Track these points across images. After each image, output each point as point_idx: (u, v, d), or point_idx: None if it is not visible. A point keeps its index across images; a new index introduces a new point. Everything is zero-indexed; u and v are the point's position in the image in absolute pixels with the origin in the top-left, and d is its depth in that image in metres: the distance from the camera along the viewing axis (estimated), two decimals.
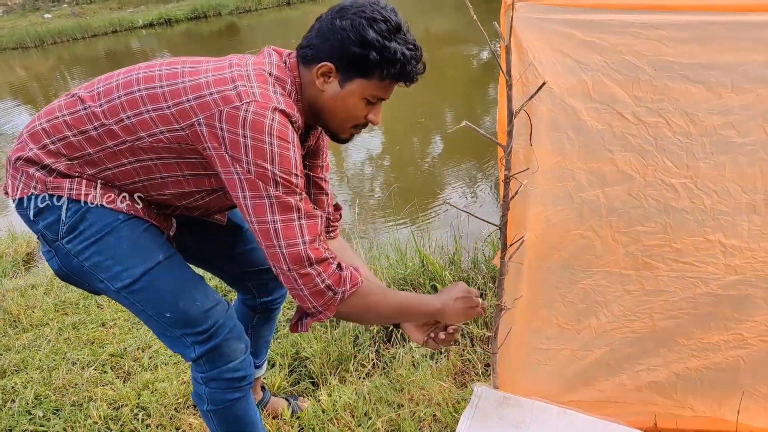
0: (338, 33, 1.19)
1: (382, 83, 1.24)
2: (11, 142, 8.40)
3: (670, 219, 1.36)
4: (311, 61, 1.24)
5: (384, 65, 1.20)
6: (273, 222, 1.16)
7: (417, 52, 1.23)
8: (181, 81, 1.20)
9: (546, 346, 1.58)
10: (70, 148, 1.23)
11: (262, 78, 1.20)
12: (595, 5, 1.16)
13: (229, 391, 1.46)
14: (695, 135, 1.26)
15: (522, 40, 1.20)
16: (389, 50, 1.18)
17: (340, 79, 1.23)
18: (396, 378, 2.02)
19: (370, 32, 1.17)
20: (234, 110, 1.13)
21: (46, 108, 1.28)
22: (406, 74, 1.23)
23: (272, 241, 1.18)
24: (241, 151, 1.13)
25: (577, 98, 1.24)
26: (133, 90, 1.21)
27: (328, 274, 1.21)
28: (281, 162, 1.15)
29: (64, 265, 1.30)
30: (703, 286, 1.40)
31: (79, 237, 1.25)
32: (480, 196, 4.36)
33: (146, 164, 1.25)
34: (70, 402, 2.14)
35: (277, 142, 1.14)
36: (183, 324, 1.35)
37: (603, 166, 1.33)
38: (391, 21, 1.19)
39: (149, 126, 1.19)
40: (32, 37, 19.82)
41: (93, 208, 1.25)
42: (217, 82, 1.18)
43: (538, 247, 1.44)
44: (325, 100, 1.26)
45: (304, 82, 1.27)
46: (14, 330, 2.77)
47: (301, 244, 1.18)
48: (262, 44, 4.68)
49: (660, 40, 1.15)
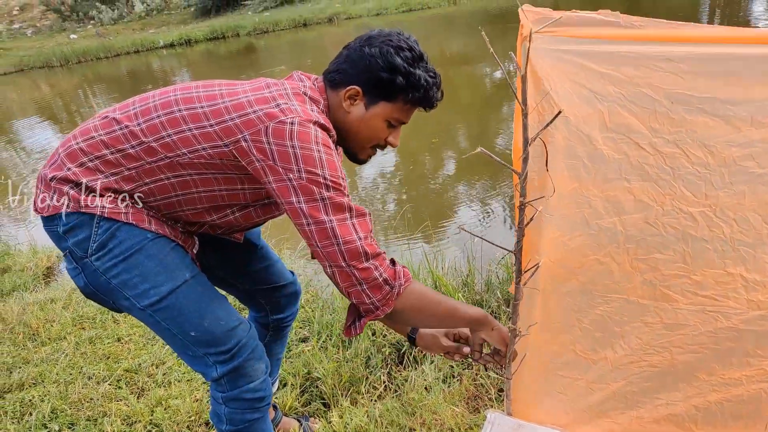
0: (367, 59, 1.29)
1: (405, 107, 1.33)
2: (33, 156, 8.55)
3: (688, 247, 1.35)
4: (339, 85, 1.33)
5: (409, 90, 1.29)
6: (329, 221, 1.21)
7: (437, 79, 1.33)
8: (221, 101, 1.25)
9: (563, 373, 1.57)
10: (107, 165, 1.27)
11: (299, 97, 1.27)
12: (611, 37, 1.17)
13: (249, 412, 1.47)
14: (713, 165, 1.26)
15: (538, 70, 1.22)
16: (414, 76, 1.28)
17: (366, 102, 1.32)
18: (408, 401, 2.02)
19: (398, 59, 1.27)
20: (280, 125, 1.20)
21: (81, 128, 1.33)
22: (428, 99, 1.33)
23: (330, 239, 1.22)
24: (292, 161, 1.19)
25: (593, 127, 1.26)
26: (173, 110, 1.26)
27: (384, 268, 1.25)
28: (329, 167, 1.21)
29: (91, 282, 1.33)
30: (725, 320, 1.37)
31: (108, 254, 1.29)
32: (493, 217, 4.36)
33: (184, 179, 1.29)
34: (85, 417, 2.16)
35: (323, 149, 1.21)
36: (206, 343, 1.37)
37: (620, 194, 1.33)
38: (415, 50, 1.30)
39: (191, 143, 1.24)
40: (58, 57, 20.29)
41: (123, 226, 1.29)
42: (259, 101, 1.24)
43: (555, 271, 1.44)
44: (350, 121, 1.34)
45: (331, 104, 1.34)
46: (33, 343, 2.81)
47: (358, 240, 1.22)
48: (279, 64, 4.78)
49: (676, 73, 1.16)
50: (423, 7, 19.05)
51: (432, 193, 4.93)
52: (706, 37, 1.16)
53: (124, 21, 26.81)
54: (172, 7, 27.61)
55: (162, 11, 27.36)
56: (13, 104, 15.17)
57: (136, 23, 26.09)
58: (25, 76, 19.48)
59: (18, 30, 27.97)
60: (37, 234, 4.85)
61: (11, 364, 2.62)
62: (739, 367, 1.40)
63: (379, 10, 19.61)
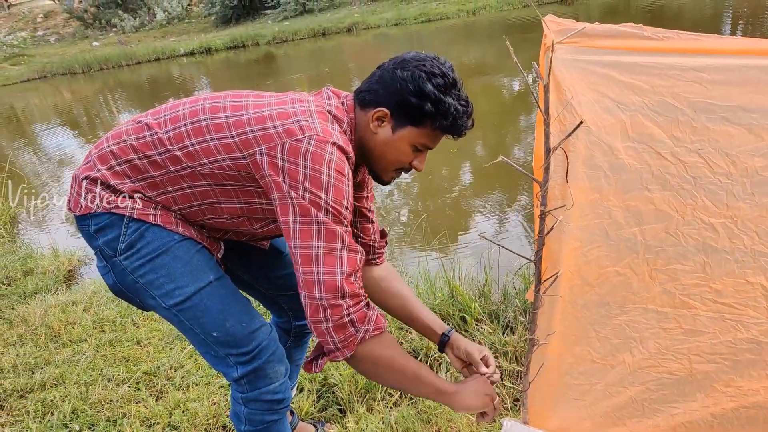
0: (398, 82, 1.27)
1: (432, 133, 1.32)
2: (55, 162, 8.69)
3: (709, 258, 1.34)
4: (368, 105, 1.32)
5: (437, 117, 1.28)
6: (317, 248, 1.20)
7: (469, 108, 1.32)
8: (246, 113, 1.26)
9: (579, 382, 1.57)
10: (135, 171, 1.30)
11: (322, 115, 1.27)
12: (634, 48, 1.18)
13: (268, 413, 1.49)
14: (736, 175, 1.25)
15: (560, 80, 1.23)
16: (444, 104, 1.27)
17: (393, 125, 1.31)
18: (424, 409, 2.02)
19: (428, 85, 1.25)
20: (296, 143, 1.19)
21: (114, 131, 1.36)
22: (456, 128, 1.32)
23: (311, 266, 1.20)
24: (299, 179, 1.18)
25: (614, 137, 1.26)
26: (199, 119, 1.28)
27: (356, 309, 1.23)
28: (335, 193, 1.20)
29: (119, 281, 1.36)
30: (744, 330, 1.36)
31: (136, 254, 1.31)
32: (511, 227, 4.35)
33: (205, 189, 1.31)
34: (104, 417, 2.19)
35: (334, 174, 1.20)
36: (228, 344, 1.39)
37: (640, 204, 1.33)
38: (448, 77, 1.28)
39: (212, 153, 1.26)
40: (80, 64, 20.68)
41: (151, 227, 1.31)
42: (281, 115, 1.24)
43: (573, 282, 1.44)
44: (376, 143, 1.33)
45: (359, 123, 1.34)
46: (54, 345, 2.85)
47: (339, 274, 1.21)
48: (298, 72, 4.82)
49: (700, 83, 1.16)
50: (442, 18, 19.11)
51: (449, 203, 4.94)
52: (730, 50, 1.16)
53: (146, 29, 27.21)
54: (193, 16, 27.97)
55: (183, 20, 27.73)
56: (35, 109, 15.45)
57: (157, 31, 26.47)
58: (47, 83, 19.84)
59: (41, 37, 28.50)
60: (59, 237, 4.94)
61: (33, 365, 2.67)
62: (758, 379, 1.39)
63: (398, 20, 19.71)
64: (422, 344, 2.31)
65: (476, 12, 19.03)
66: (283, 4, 23.87)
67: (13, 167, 6.85)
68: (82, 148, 9.55)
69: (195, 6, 28.47)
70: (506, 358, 2.23)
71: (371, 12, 21.57)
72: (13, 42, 26.78)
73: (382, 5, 22.57)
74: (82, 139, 10.60)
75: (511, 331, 2.40)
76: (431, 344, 2.27)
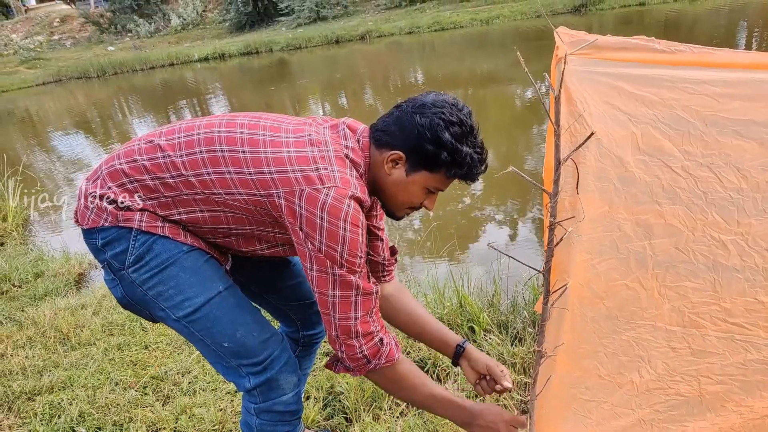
0: (416, 128, 1.27)
1: (445, 179, 1.33)
2: (68, 165, 8.77)
3: (719, 276, 1.32)
4: (384, 146, 1.32)
5: (452, 166, 1.29)
6: (333, 296, 1.26)
7: (483, 155, 1.33)
8: (263, 151, 1.26)
9: (586, 397, 1.55)
10: (146, 190, 1.30)
11: (341, 162, 1.27)
12: (646, 61, 1.17)
13: (280, 424, 1.48)
14: (747, 190, 1.24)
15: (572, 92, 1.23)
16: (460, 153, 1.28)
17: (407, 168, 1.32)
18: (430, 419, 2.01)
19: (446, 134, 1.26)
20: (315, 192, 1.21)
21: (125, 148, 1.35)
22: (470, 176, 1.34)
23: (328, 311, 1.28)
24: (316, 231, 1.21)
25: (625, 149, 1.25)
26: (215, 149, 1.27)
27: (369, 346, 1.32)
28: (350, 245, 1.23)
29: (128, 294, 1.36)
30: (755, 351, 1.34)
31: (144, 267, 1.31)
32: (521, 238, 4.34)
33: (217, 215, 1.31)
34: (111, 421, 2.20)
35: (350, 227, 1.22)
36: (240, 354, 1.39)
37: (650, 218, 1.32)
38: (466, 124, 1.28)
39: (228, 186, 1.26)
40: (95, 68, 20.94)
41: (159, 239, 1.31)
42: (300, 160, 1.24)
43: (582, 294, 1.43)
44: (389, 183, 1.34)
45: (373, 161, 1.34)
46: (63, 347, 2.87)
47: (353, 319, 1.28)
48: (310, 78, 4.82)
49: (711, 96, 1.15)
50: (455, 26, 19.17)
51: (460, 212, 4.93)
52: (743, 63, 1.15)
53: (161, 34, 27.49)
54: (208, 22, 28.21)
55: (197, 25, 27.98)
56: (49, 112, 15.63)
57: (172, 37, 26.73)
58: (62, 86, 20.08)
59: (58, 41, 28.87)
60: (71, 241, 4.98)
61: (42, 367, 2.68)
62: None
63: (411, 29, 19.79)
64: (429, 354, 2.30)
65: (489, 21, 19.07)
66: (297, 11, 24.03)
67: (27, 171, 6.91)
68: (94, 152, 9.65)
69: (210, 12, 28.71)
70: (514, 369, 2.21)
71: (384, 20, 21.67)
72: (29, 46, 27.13)
73: (395, 13, 22.67)
74: (94, 141, 10.71)
75: (520, 342, 2.39)
76: (438, 354, 2.26)
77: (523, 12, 18.97)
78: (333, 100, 11.62)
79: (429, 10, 22.08)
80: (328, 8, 23.80)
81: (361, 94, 11.68)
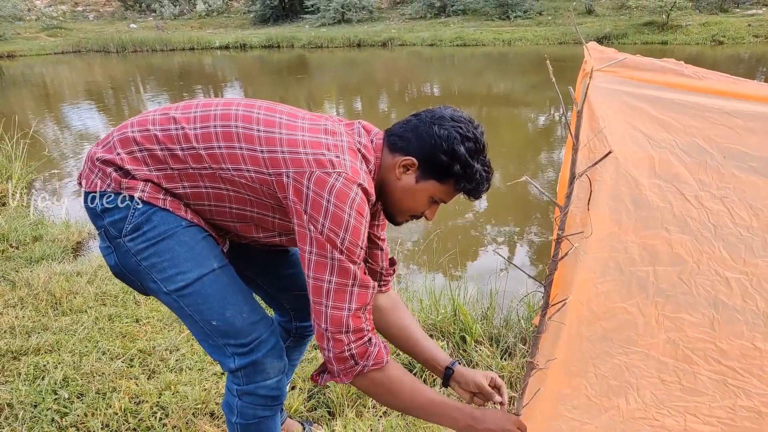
0: (433, 138, 1.31)
1: (452, 190, 1.36)
2: (77, 137, 8.79)
3: (718, 314, 1.30)
4: (398, 151, 1.34)
5: (462, 179, 1.33)
6: (329, 282, 1.24)
7: (490, 174, 1.37)
8: (278, 132, 1.27)
9: (572, 415, 1.55)
10: (154, 160, 1.29)
11: (353, 153, 1.29)
12: (672, 85, 1.17)
13: (261, 408, 1.48)
14: (757, 229, 1.23)
15: (595, 108, 1.23)
16: (472, 168, 1.31)
17: (418, 176, 1.34)
18: (412, 422, 2.00)
19: (461, 148, 1.30)
20: (325, 175, 1.21)
21: (140, 118, 1.35)
22: (477, 192, 1.37)
23: (321, 298, 1.25)
24: (321, 213, 1.21)
25: (641, 172, 1.25)
26: (230, 124, 1.28)
27: (357, 345, 1.28)
28: (353, 233, 1.22)
29: (121, 262, 1.35)
30: (746, 398, 1.32)
31: (141, 237, 1.30)
32: (518, 258, 4.34)
33: (221, 192, 1.31)
34: (95, 389, 2.19)
35: (355, 214, 1.22)
36: (227, 334, 1.38)
37: (657, 243, 1.32)
38: (479, 142, 1.33)
39: (238, 161, 1.26)
40: (116, 43, 21.05)
41: (159, 211, 1.30)
42: (313, 144, 1.26)
43: (581, 312, 1.43)
44: (396, 188, 1.36)
45: (384, 164, 1.36)
46: (54, 312, 2.87)
47: (346, 310, 1.25)
48: (328, 79, 4.85)
49: (732, 128, 1.15)
50: (477, 44, 19.25)
51: (460, 227, 4.93)
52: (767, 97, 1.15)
53: (184, 18, 27.60)
54: (233, 11, 28.33)
55: (222, 13, 28.10)
56: (64, 81, 15.67)
57: (195, 21, 26.85)
58: (80, 57, 20.15)
59: (81, 13, 28.99)
60: (72, 208, 4.98)
61: (30, 329, 2.68)
62: None
63: (434, 41, 19.87)
64: None
65: (512, 42, 19.15)
66: (322, 10, 24.14)
67: (36, 135, 6.93)
68: (102, 123, 9.67)
69: (236, 2, 28.85)
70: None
71: (408, 29, 21.77)
72: (52, 14, 27.24)
73: (419, 24, 22.78)
74: (104, 115, 10.73)
75: (510, 357, 2.39)
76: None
77: (546, 37, 19.06)
78: (348, 102, 11.65)
79: (453, 24, 22.18)
80: (353, 11, 23.91)
81: (377, 100, 11.71)
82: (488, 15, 23.10)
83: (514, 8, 22.59)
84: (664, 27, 18.66)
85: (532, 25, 21.18)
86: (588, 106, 1.22)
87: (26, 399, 2.12)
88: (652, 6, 18.77)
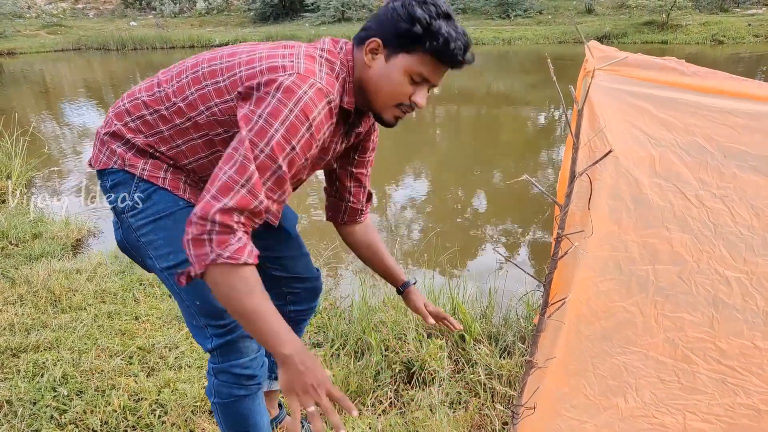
0: (390, 12, 1.28)
1: (425, 59, 1.26)
2: (77, 134, 8.78)
3: (718, 314, 1.30)
4: (363, 41, 1.31)
5: (426, 38, 1.24)
6: (225, 171, 1.16)
7: (464, 37, 1.27)
8: (238, 58, 1.29)
9: (571, 415, 1.55)
10: (147, 126, 1.34)
11: (310, 58, 1.26)
12: (673, 84, 1.18)
13: (236, 387, 1.50)
14: (758, 228, 1.23)
15: (596, 107, 1.22)
16: (434, 26, 1.23)
17: (386, 54, 1.29)
18: (411, 420, 2.00)
19: (419, 10, 1.24)
20: (275, 76, 1.19)
21: (129, 91, 1.41)
22: (448, 52, 1.25)
23: (225, 165, 1.16)
24: (262, 105, 1.17)
25: (642, 171, 1.25)
26: (198, 69, 1.32)
27: (220, 231, 1.14)
28: (288, 130, 1.16)
29: (125, 237, 1.41)
30: (744, 396, 1.33)
31: (141, 213, 1.35)
32: (518, 258, 4.34)
33: (208, 138, 1.33)
34: (94, 386, 2.19)
35: (298, 113, 1.17)
36: (209, 314, 1.41)
37: (658, 242, 1.32)
38: (440, 6, 1.26)
39: (207, 99, 1.28)
40: (115, 41, 21.02)
41: (159, 190, 1.35)
42: (269, 57, 1.25)
43: (580, 311, 1.43)
44: (371, 76, 1.31)
45: (357, 63, 1.33)
46: (54, 309, 2.87)
47: (236, 191, 1.14)
48: None
49: (734, 127, 1.15)
50: (477, 42, 19.21)
51: (460, 225, 4.93)
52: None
53: (184, 16, 27.57)
54: (233, 9, 28.30)
55: (222, 11, 28.06)
56: (63, 79, 15.66)
57: (195, 19, 26.80)
58: (80, 55, 20.12)
59: (81, 10, 28.94)
60: (72, 206, 4.97)
61: (30, 326, 2.68)
62: None
63: None
64: (418, 356, 2.30)
65: (512, 42, 19.14)
66: (322, 8, 24.10)
67: (36, 132, 6.92)
68: (102, 121, 9.65)
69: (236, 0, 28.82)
70: (500, 381, 2.21)
71: None
72: (52, 11, 27.20)
73: None
74: (104, 113, 10.71)
75: (509, 355, 2.38)
76: (426, 357, 2.26)
77: (546, 36, 19.06)
78: None
79: None
80: (353, 9, 23.87)
81: None
82: (488, 14, 23.10)
83: (514, 7, 22.60)
84: (664, 26, 18.67)
85: (533, 24, 21.18)
86: (589, 105, 1.22)
87: (25, 396, 2.12)
88: (652, 5, 18.78)
